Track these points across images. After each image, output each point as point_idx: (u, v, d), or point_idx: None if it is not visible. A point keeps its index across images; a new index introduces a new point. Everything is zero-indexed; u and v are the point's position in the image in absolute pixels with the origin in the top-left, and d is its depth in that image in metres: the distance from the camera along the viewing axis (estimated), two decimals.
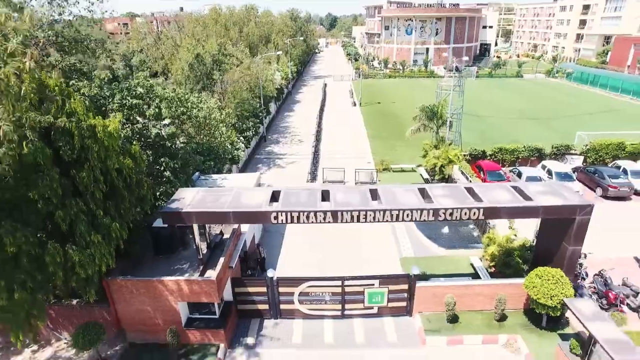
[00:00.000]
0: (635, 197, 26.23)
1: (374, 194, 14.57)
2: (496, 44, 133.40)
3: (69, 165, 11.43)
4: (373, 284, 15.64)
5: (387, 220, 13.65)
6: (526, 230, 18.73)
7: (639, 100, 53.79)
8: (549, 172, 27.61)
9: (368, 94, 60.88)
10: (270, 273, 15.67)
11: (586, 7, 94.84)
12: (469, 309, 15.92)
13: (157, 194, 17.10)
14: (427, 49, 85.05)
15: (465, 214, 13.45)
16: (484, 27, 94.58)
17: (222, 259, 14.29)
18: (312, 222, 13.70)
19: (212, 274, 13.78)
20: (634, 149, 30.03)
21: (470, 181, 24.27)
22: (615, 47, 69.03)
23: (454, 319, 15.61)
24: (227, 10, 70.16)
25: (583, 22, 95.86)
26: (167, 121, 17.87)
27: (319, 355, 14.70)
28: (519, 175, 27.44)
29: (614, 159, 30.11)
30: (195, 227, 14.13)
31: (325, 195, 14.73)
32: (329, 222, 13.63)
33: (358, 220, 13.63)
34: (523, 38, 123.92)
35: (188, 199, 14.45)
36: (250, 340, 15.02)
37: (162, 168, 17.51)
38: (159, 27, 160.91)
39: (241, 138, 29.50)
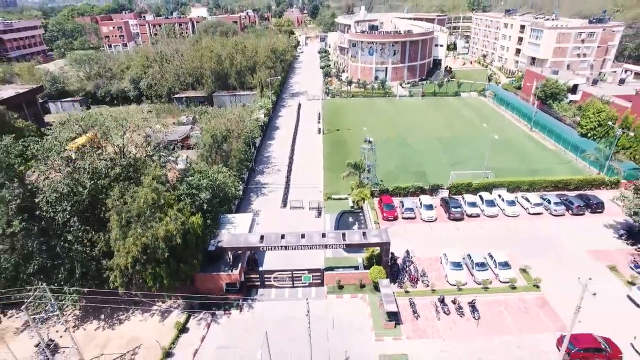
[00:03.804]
0: (467, 219, 46.58)
1: (303, 236, 34.30)
2: (455, 48, 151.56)
3: (184, 234, 30.70)
4: (305, 272, 35.68)
5: (307, 249, 33.59)
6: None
7: (527, 125, 73.87)
8: (421, 203, 47.63)
9: (332, 118, 79.55)
10: (260, 268, 35.65)
11: (522, 27, 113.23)
12: (347, 283, 36.13)
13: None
14: (386, 68, 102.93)
15: (338, 246, 33.41)
16: (436, 45, 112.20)
17: (240, 264, 34.05)
18: (277, 250, 33.58)
19: (236, 272, 33.51)
20: (477, 186, 50.23)
21: (369, 214, 44.15)
22: (525, 77, 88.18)
23: (340, 287, 35.85)
24: (219, 45, 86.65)
25: (521, 40, 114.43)
26: (207, 195, 36.83)
27: (281, 302, 34.82)
28: (402, 204, 47.33)
29: (466, 192, 50.27)
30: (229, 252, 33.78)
31: (283, 236, 34.41)
32: (284, 250, 33.54)
33: (294, 249, 33.55)
34: (478, 45, 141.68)
35: (225, 239, 34.02)
36: (252, 297, 35.09)
37: (206, 220, 36.68)
38: (150, 30, 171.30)
39: (239, 181, 48.63)
